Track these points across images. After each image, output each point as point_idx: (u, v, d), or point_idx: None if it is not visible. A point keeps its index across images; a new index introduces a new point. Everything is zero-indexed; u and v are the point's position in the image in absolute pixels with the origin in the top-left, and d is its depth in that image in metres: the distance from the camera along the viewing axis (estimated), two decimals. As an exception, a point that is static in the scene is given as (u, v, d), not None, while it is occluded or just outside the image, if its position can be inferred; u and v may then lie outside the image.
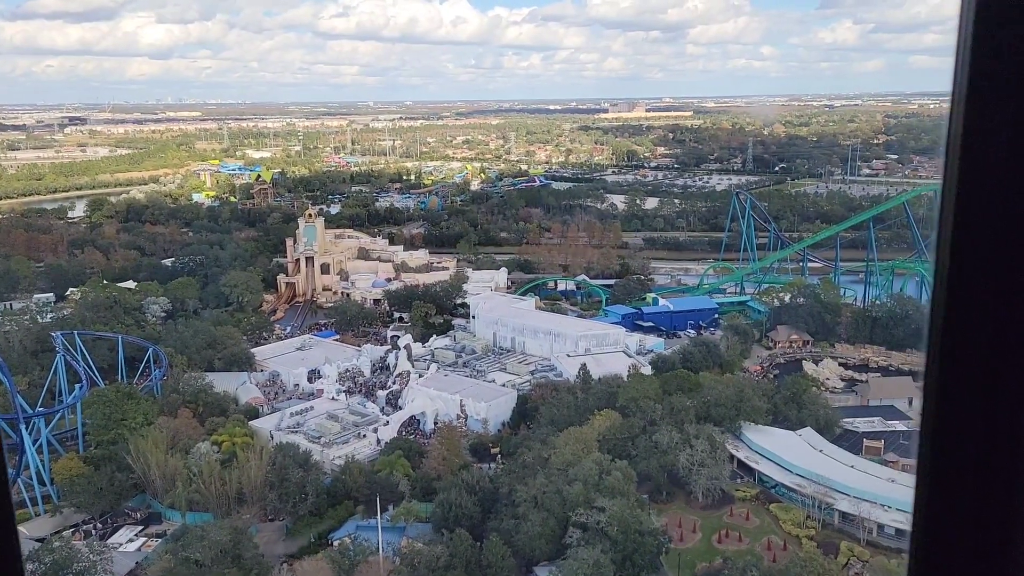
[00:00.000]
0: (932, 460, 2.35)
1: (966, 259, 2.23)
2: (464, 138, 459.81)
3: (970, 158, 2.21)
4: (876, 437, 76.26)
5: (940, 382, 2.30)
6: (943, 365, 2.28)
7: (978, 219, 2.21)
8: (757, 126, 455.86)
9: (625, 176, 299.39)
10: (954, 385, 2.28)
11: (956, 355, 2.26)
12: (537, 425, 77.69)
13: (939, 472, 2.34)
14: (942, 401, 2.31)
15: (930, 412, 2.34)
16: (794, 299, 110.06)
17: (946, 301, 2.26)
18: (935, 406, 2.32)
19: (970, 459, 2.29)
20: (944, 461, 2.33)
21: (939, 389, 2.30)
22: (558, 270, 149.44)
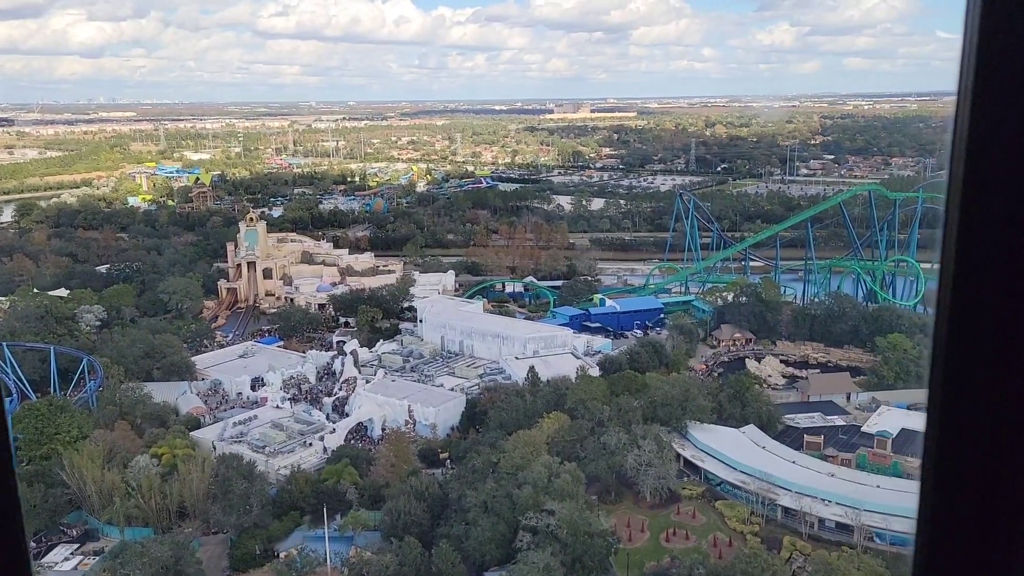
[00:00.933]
0: (936, 462, 2.32)
1: (971, 260, 2.20)
2: (409, 139, 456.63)
3: (975, 158, 2.19)
4: (816, 433, 78.22)
5: (945, 383, 2.27)
6: (948, 366, 2.26)
7: (983, 219, 2.19)
8: (700, 127, 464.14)
9: (571, 177, 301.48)
10: (959, 386, 2.26)
11: (961, 355, 2.24)
12: (486, 429, 77.55)
13: (943, 474, 2.32)
14: (947, 403, 2.28)
15: (935, 414, 2.31)
16: (737, 298, 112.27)
17: (951, 301, 2.24)
18: (940, 408, 2.30)
19: (975, 461, 2.27)
20: (948, 463, 2.31)
21: (944, 390, 2.28)
22: (506, 272, 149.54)
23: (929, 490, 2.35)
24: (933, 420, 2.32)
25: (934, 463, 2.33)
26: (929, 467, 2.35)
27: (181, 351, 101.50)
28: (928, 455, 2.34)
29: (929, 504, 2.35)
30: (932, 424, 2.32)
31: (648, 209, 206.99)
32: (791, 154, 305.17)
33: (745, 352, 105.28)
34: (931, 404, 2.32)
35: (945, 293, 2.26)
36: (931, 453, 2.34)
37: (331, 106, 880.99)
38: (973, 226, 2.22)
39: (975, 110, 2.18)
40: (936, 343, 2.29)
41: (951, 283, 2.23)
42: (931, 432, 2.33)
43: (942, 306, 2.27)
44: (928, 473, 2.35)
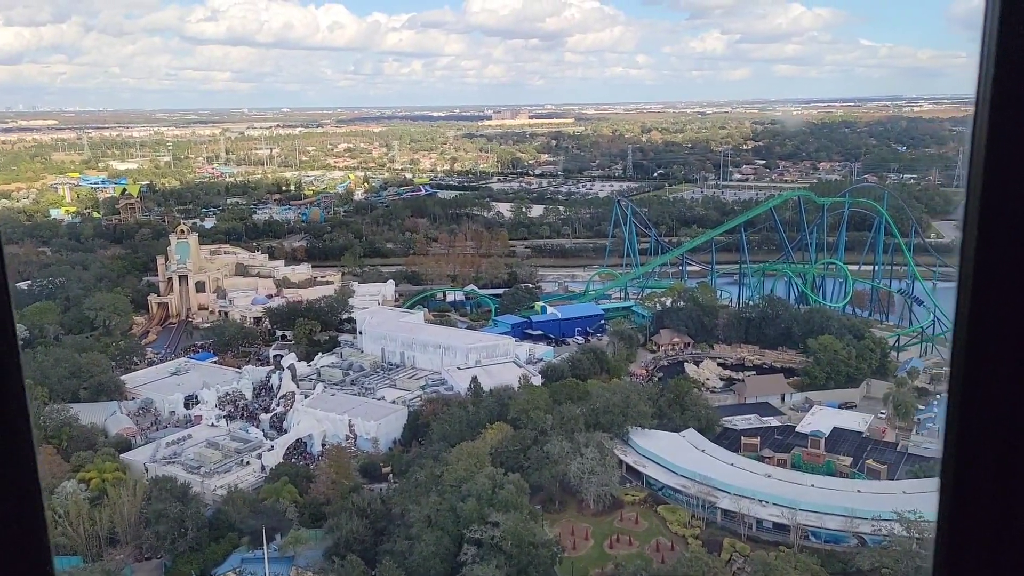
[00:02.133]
0: (956, 466, 2.33)
1: (990, 265, 2.20)
2: (346, 146, 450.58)
3: (995, 163, 2.18)
4: (753, 434, 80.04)
5: (964, 388, 2.28)
6: (967, 371, 2.26)
7: (1003, 224, 2.18)
8: (636, 133, 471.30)
9: (510, 183, 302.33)
10: (978, 391, 2.26)
11: (980, 359, 2.24)
12: (429, 441, 76.87)
13: (963, 478, 2.32)
14: (966, 408, 2.28)
15: (954, 419, 2.31)
16: (675, 303, 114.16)
17: (970, 307, 2.23)
18: (959, 413, 2.30)
19: (995, 465, 2.28)
20: (968, 467, 2.31)
21: (963, 395, 2.28)
22: (446, 281, 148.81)
23: (949, 494, 2.36)
24: (953, 422, 2.33)
25: (954, 464, 2.34)
26: (949, 467, 2.35)
27: (109, 370, 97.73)
28: (948, 455, 2.35)
29: (949, 505, 2.37)
30: (952, 428, 2.33)
31: (587, 215, 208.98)
32: (724, 159, 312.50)
33: (684, 356, 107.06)
34: (951, 410, 2.33)
35: (964, 297, 2.25)
36: (951, 453, 2.34)
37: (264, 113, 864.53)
38: (992, 231, 2.20)
39: (993, 116, 2.17)
40: (955, 347, 2.28)
41: (970, 287, 2.22)
42: (951, 433, 2.34)
43: (961, 310, 2.26)
44: (948, 473, 2.36)
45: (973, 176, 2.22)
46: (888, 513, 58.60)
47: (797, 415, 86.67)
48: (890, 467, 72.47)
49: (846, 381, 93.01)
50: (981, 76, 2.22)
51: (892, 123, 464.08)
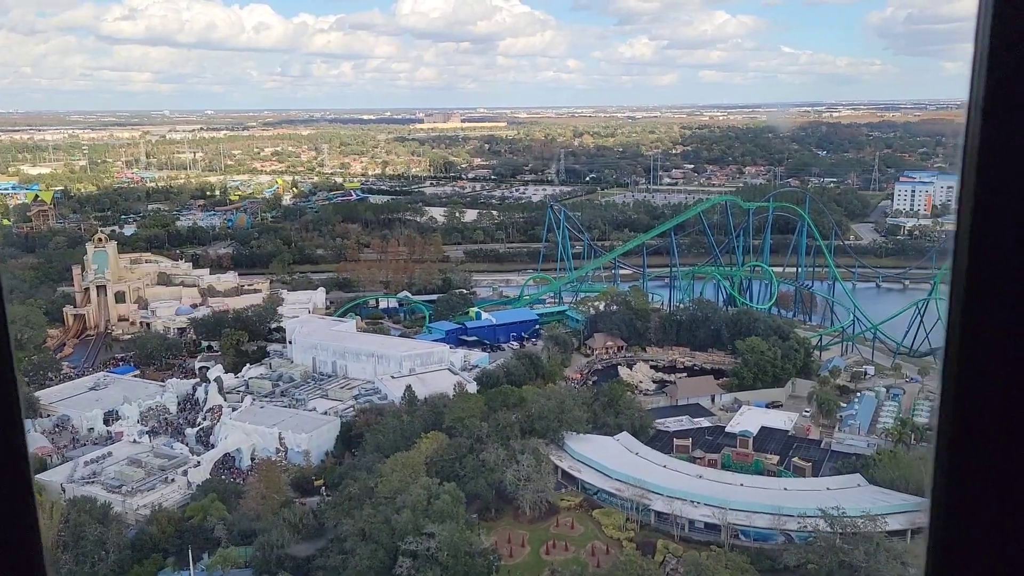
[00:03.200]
0: (950, 466, 2.33)
1: (983, 269, 2.20)
2: (273, 149, 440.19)
3: (987, 168, 2.18)
4: (685, 435, 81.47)
5: (957, 393, 2.28)
6: (960, 375, 2.27)
7: (995, 229, 2.19)
8: (568, 137, 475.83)
9: (443, 188, 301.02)
10: (971, 395, 2.27)
11: (973, 363, 2.24)
12: (362, 453, 75.63)
13: (956, 479, 2.33)
14: (959, 413, 2.29)
15: (947, 425, 2.32)
16: (608, 307, 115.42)
17: (962, 311, 2.24)
18: (952, 420, 2.30)
19: (988, 465, 2.28)
20: (961, 468, 2.32)
21: (956, 400, 2.28)
22: (379, 287, 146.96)
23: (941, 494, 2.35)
24: (945, 427, 2.33)
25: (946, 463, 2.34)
26: (942, 467, 2.35)
27: (22, 385, 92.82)
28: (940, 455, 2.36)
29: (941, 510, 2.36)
30: (944, 430, 2.34)
31: (521, 219, 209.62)
32: (654, 163, 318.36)
33: (617, 359, 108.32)
34: (943, 416, 2.34)
35: (957, 302, 2.25)
36: (943, 453, 2.35)
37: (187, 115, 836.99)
38: (985, 235, 2.18)
39: (986, 120, 2.17)
40: (948, 351, 2.29)
41: (962, 293, 2.23)
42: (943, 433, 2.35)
43: (954, 314, 2.27)
44: (940, 474, 2.36)
45: (965, 182, 2.22)
46: (813, 510, 60.42)
47: (727, 415, 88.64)
48: (815, 464, 74.76)
49: (772, 381, 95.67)
50: (973, 80, 2.20)
51: (813, 128, 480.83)
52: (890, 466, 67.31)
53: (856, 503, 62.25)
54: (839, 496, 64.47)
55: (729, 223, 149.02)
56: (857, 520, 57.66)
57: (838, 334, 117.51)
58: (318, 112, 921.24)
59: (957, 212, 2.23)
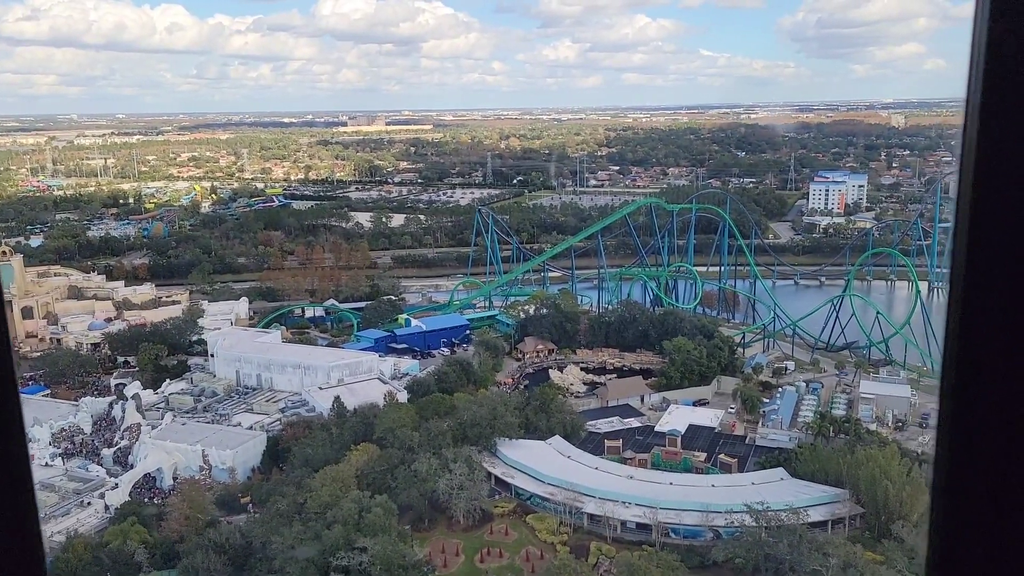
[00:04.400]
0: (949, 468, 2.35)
1: (982, 267, 2.22)
2: (190, 155, 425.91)
3: (985, 166, 2.20)
4: (615, 437, 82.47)
5: (956, 391, 2.30)
6: (959, 373, 2.28)
7: (994, 227, 2.20)
8: (495, 139, 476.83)
9: (369, 192, 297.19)
10: (970, 394, 2.28)
11: (972, 362, 2.26)
12: (291, 467, 73.96)
13: (956, 479, 2.35)
14: (958, 412, 2.31)
15: (946, 422, 2.34)
16: (538, 310, 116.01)
17: (961, 310, 2.26)
18: (951, 418, 2.33)
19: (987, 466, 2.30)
20: (961, 469, 2.34)
21: (955, 398, 2.30)
22: (305, 296, 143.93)
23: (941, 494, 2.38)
24: (945, 426, 2.36)
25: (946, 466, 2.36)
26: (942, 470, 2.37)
27: None
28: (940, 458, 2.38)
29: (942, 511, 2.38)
30: (944, 430, 2.36)
31: (449, 224, 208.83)
32: (581, 165, 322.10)
33: (548, 362, 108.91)
34: (943, 414, 2.36)
35: (956, 300, 2.27)
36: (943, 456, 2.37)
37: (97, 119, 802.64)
38: (984, 233, 2.20)
39: (984, 118, 2.18)
40: (947, 349, 2.31)
41: (961, 290, 2.25)
42: (943, 437, 2.37)
43: (953, 313, 2.28)
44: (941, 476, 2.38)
45: (963, 180, 2.24)
46: (739, 505, 62.03)
47: (656, 415, 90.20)
48: (740, 460, 76.79)
49: (699, 379, 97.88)
50: (971, 80, 2.22)
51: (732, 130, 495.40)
52: (810, 459, 69.66)
53: (779, 497, 64.22)
54: (763, 490, 66.41)
55: (654, 224, 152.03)
56: (781, 513, 59.50)
57: (760, 331, 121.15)
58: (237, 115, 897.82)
59: (955, 211, 2.25)
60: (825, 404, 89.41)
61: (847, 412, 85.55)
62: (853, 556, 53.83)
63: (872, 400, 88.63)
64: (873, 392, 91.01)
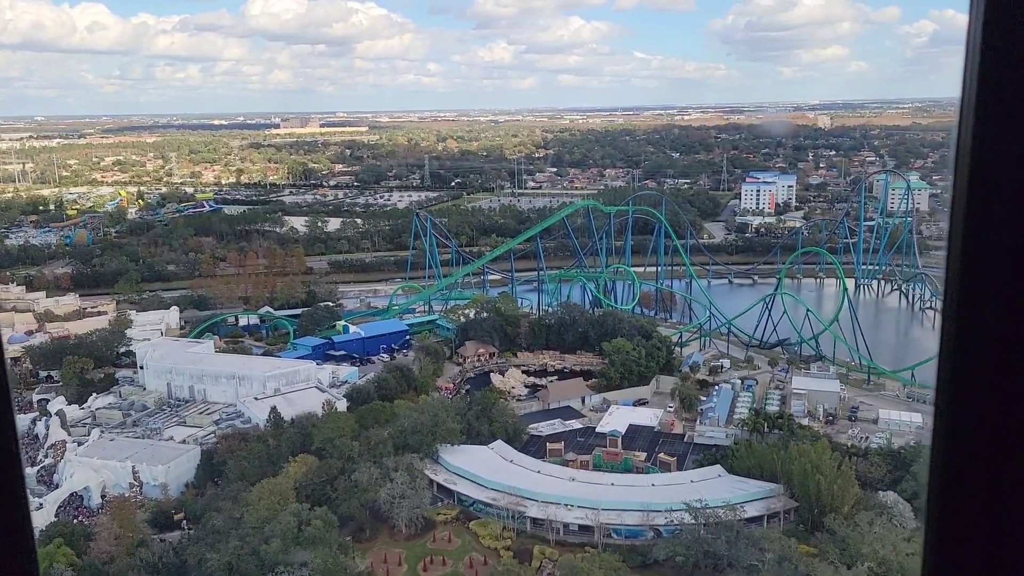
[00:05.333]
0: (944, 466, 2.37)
1: (977, 267, 2.23)
2: (115, 158, 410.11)
3: (980, 168, 2.20)
4: (557, 439, 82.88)
5: (952, 390, 2.32)
6: (955, 373, 2.31)
7: (989, 227, 2.21)
8: (431, 141, 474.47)
9: (304, 196, 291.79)
10: (965, 393, 2.30)
11: (967, 360, 2.28)
12: (226, 481, 72.09)
13: (951, 479, 2.37)
14: (954, 410, 2.33)
15: (942, 421, 2.36)
16: (478, 314, 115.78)
17: (957, 309, 2.28)
18: (947, 415, 2.35)
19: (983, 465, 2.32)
20: (957, 468, 2.36)
21: (950, 397, 2.33)
22: (239, 304, 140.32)
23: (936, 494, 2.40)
24: (941, 425, 2.39)
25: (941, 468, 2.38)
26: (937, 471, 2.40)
27: None
28: (936, 460, 2.41)
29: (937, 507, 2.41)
30: (939, 428, 2.39)
31: (387, 227, 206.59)
32: (518, 167, 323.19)
33: (489, 366, 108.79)
34: (939, 413, 2.39)
35: (951, 300, 2.28)
36: (938, 458, 2.39)
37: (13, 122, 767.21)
38: (978, 233, 2.21)
39: (978, 119, 2.19)
40: (943, 349, 2.34)
41: (956, 291, 2.27)
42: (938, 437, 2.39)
43: (948, 314, 2.30)
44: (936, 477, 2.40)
45: (958, 181, 2.24)
46: (678, 504, 63.07)
47: (597, 416, 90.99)
48: (679, 458, 78.07)
49: (638, 379, 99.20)
50: (965, 79, 2.22)
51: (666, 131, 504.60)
52: (746, 456, 71.30)
53: (717, 494, 65.53)
54: (702, 488, 67.69)
55: (591, 227, 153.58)
56: (718, 510, 60.71)
57: (696, 330, 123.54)
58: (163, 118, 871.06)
59: (950, 212, 2.26)
60: (759, 401, 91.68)
61: (780, 408, 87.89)
62: (788, 550, 55.28)
63: (804, 395, 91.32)
64: (805, 388, 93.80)
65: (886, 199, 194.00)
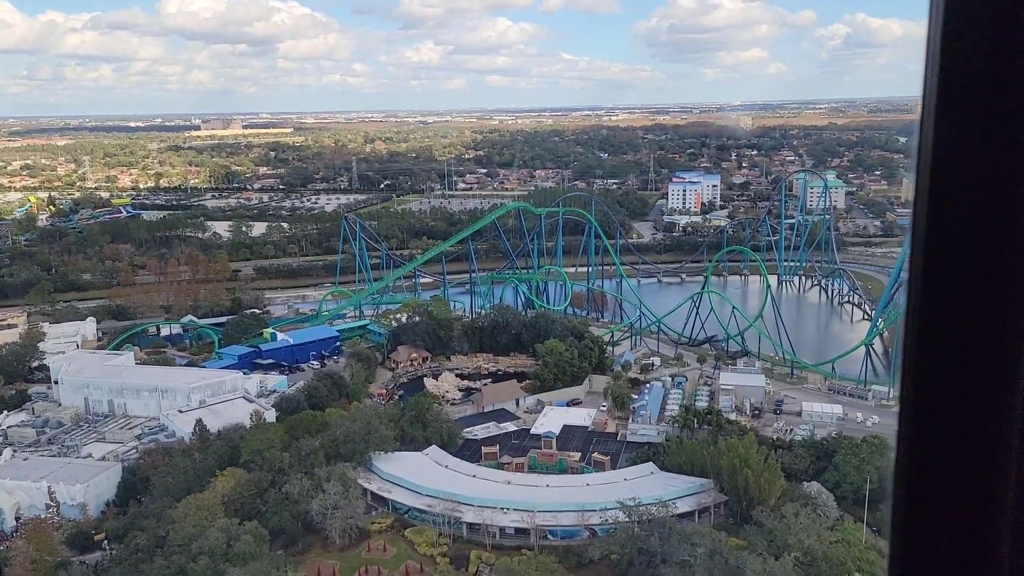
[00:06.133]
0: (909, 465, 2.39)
1: (939, 265, 2.25)
2: (23, 162, 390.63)
3: (941, 165, 2.23)
4: (492, 442, 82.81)
5: (916, 388, 2.33)
6: (919, 370, 2.32)
7: (951, 225, 2.23)
8: (359, 143, 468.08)
9: (227, 200, 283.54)
10: (929, 391, 2.32)
11: (930, 358, 2.30)
12: (150, 499, 69.56)
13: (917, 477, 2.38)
14: (918, 407, 2.35)
15: (907, 419, 2.37)
16: (410, 318, 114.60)
17: (920, 305, 2.29)
18: (912, 412, 2.36)
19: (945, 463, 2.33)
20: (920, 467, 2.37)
21: (915, 395, 2.34)
22: (160, 313, 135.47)
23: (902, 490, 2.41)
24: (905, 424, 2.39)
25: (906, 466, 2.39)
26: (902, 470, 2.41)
27: None
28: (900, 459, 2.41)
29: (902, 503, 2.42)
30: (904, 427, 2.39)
31: (314, 231, 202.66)
32: (449, 169, 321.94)
33: (423, 370, 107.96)
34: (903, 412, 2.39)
35: (915, 298, 2.30)
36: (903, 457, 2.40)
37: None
38: (940, 231, 2.23)
39: (939, 117, 2.21)
40: (907, 346, 2.34)
41: (920, 288, 2.28)
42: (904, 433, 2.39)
43: (912, 311, 2.31)
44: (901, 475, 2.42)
45: (920, 178, 2.26)
46: (612, 502, 63.85)
47: (531, 417, 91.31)
48: (612, 457, 79.01)
49: (572, 380, 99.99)
50: (927, 76, 2.24)
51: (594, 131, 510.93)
52: (677, 452, 72.69)
53: (650, 491, 66.63)
54: (635, 486, 68.70)
55: (522, 228, 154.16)
56: (651, 507, 61.72)
57: (627, 329, 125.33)
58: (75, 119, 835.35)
59: (913, 211, 2.28)
60: (689, 397, 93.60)
61: (709, 403, 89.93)
62: (718, 544, 56.59)
63: (731, 391, 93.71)
64: (732, 383, 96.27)
65: (805, 197, 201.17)
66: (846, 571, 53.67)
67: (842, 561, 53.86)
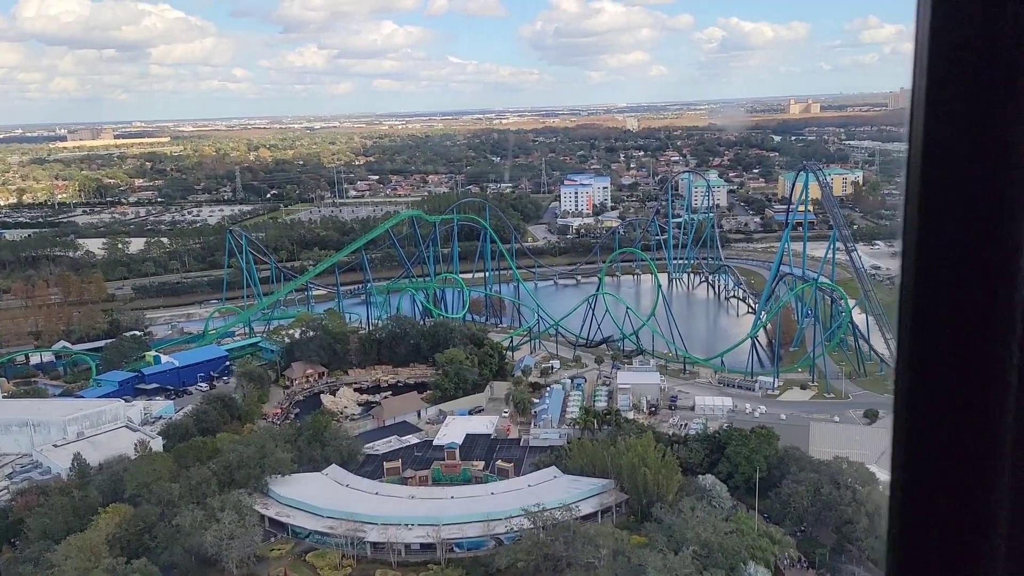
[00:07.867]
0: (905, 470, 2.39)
1: (931, 263, 2.26)
2: None
3: (931, 162, 2.24)
4: (394, 457, 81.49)
5: (909, 390, 2.34)
6: (912, 368, 2.32)
7: (941, 223, 2.24)
8: (242, 151, 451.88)
9: (100, 215, 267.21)
10: (922, 392, 2.32)
11: (924, 356, 2.30)
12: (25, 542, 64.41)
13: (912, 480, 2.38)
14: (913, 411, 2.35)
15: (901, 423, 2.38)
16: (304, 333, 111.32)
17: (912, 304, 2.30)
18: (905, 417, 2.36)
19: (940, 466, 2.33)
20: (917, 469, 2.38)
21: (908, 397, 2.34)
22: (29, 340, 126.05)
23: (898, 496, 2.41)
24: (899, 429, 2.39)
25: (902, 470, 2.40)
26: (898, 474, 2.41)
27: None
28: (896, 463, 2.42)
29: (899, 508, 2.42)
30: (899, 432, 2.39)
31: (197, 246, 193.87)
32: (338, 176, 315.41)
33: (319, 386, 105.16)
34: (897, 416, 2.39)
35: (907, 296, 2.30)
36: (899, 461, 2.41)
37: None
38: (932, 228, 2.24)
39: (928, 115, 2.22)
40: (901, 341, 2.35)
41: (912, 286, 2.29)
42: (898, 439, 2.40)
43: (905, 309, 2.32)
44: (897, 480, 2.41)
45: (911, 173, 2.27)
46: (517, 510, 64.02)
47: (434, 428, 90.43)
48: (516, 463, 79.29)
49: (472, 388, 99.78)
50: (915, 71, 2.25)
51: (486, 135, 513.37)
52: (579, 454, 73.71)
53: (554, 495, 67.20)
54: (539, 491, 69.17)
55: (417, 236, 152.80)
56: (555, 512, 62.25)
57: (526, 334, 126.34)
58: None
59: (904, 209, 2.28)
60: (589, 398, 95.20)
61: (608, 403, 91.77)
62: (621, 543, 57.71)
63: (628, 389, 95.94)
64: (628, 382, 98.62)
65: (690, 197, 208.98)
66: (740, 560, 55.84)
67: (736, 550, 55.98)
